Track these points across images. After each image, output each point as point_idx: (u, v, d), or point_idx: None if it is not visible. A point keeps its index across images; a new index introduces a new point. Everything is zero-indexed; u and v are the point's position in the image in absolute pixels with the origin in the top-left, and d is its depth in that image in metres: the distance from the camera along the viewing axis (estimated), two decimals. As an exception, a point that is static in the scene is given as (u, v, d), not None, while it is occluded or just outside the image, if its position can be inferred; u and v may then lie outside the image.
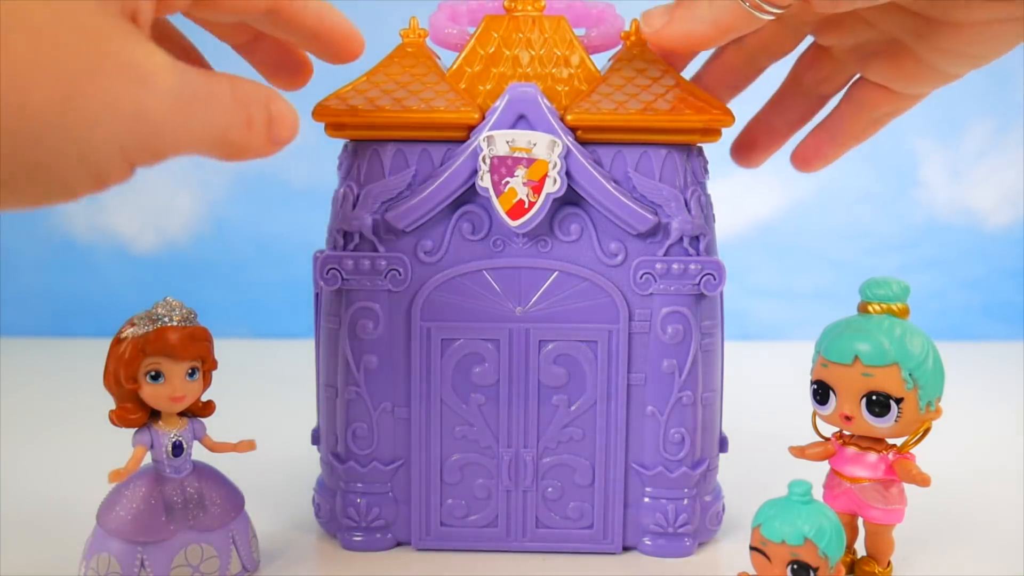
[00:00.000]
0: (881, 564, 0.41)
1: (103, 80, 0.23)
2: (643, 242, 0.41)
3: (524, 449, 0.42)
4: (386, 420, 0.42)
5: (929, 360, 0.37)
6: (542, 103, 0.40)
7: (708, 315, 0.42)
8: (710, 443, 0.44)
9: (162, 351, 0.36)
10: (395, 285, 0.41)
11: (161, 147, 0.26)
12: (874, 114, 0.46)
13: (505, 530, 0.43)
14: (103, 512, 0.38)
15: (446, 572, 0.42)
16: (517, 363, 0.42)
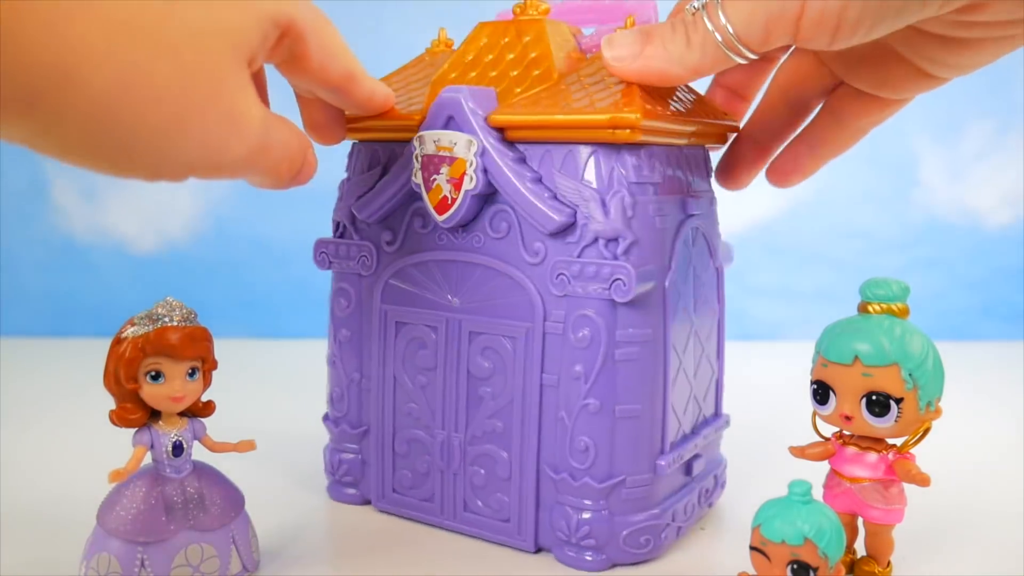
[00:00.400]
0: (881, 564, 0.41)
1: (207, 117, 0.29)
2: (562, 242, 0.41)
3: (455, 433, 0.44)
4: (354, 389, 0.48)
5: (929, 360, 0.37)
6: (465, 105, 0.40)
7: (634, 323, 0.40)
8: (630, 460, 0.41)
9: (162, 351, 0.36)
10: (364, 270, 0.47)
11: (221, 174, 0.31)
12: (857, 123, 0.45)
13: (440, 507, 0.46)
14: (103, 512, 0.38)
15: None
16: (451, 351, 0.44)
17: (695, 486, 0.45)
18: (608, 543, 0.41)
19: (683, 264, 0.43)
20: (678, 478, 0.44)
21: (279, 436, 0.59)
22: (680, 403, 0.43)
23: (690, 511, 0.45)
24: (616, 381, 0.40)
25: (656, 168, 0.41)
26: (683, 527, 0.44)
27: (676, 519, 0.44)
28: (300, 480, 0.53)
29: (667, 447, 0.42)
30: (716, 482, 0.48)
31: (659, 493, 0.42)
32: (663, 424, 0.42)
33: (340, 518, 0.48)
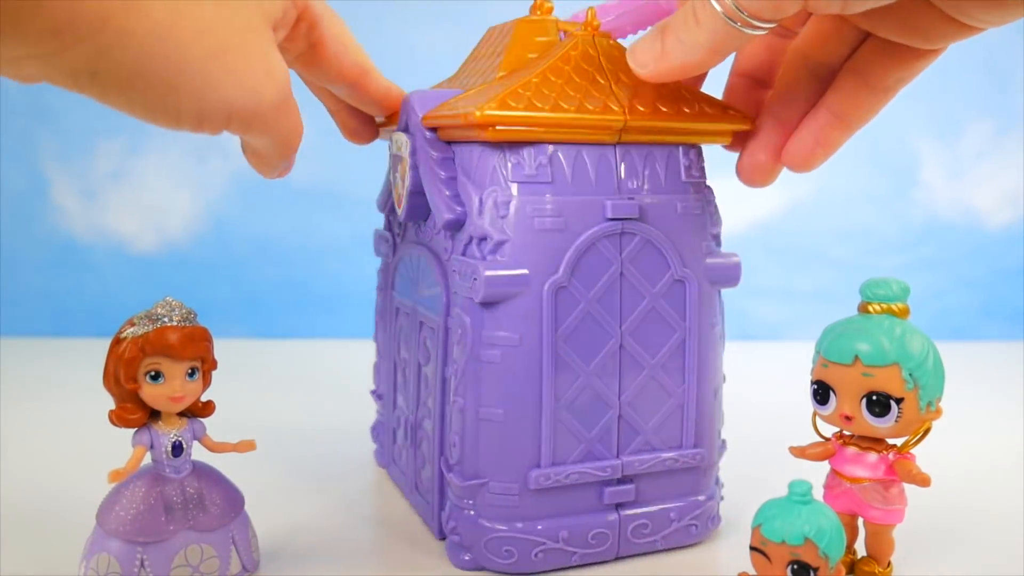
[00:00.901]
0: (881, 564, 0.41)
1: (245, 55, 0.31)
2: (455, 239, 0.41)
3: (408, 412, 0.48)
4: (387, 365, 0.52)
5: (929, 360, 0.37)
6: (409, 107, 0.42)
7: (500, 326, 0.39)
8: (493, 464, 0.40)
9: (162, 351, 0.36)
10: (389, 258, 0.52)
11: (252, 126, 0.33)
12: (886, 81, 0.40)
13: (404, 481, 0.49)
14: (103, 512, 0.38)
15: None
16: (411, 338, 0.47)
17: (612, 516, 0.42)
18: (473, 544, 0.41)
19: (594, 271, 0.40)
20: (580, 500, 0.41)
21: (279, 436, 0.59)
22: (582, 420, 0.40)
23: (604, 544, 0.42)
24: (480, 382, 0.39)
25: (549, 167, 0.39)
26: (587, 555, 0.41)
27: (568, 543, 0.41)
28: (300, 480, 0.53)
29: (545, 461, 0.40)
30: (690, 527, 0.43)
31: (533, 508, 0.40)
32: (539, 435, 0.40)
33: (340, 518, 0.48)
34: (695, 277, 0.41)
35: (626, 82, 0.40)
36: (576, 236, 0.39)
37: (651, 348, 0.41)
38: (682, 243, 0.41)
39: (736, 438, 0.49)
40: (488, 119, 0.37)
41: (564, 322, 0.39)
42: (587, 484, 0.41)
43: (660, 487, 0.42)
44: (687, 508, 0.43)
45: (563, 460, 0.41)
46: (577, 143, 0.39)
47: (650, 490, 0.42)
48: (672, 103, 0.40)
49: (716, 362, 0.43)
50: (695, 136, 0.41)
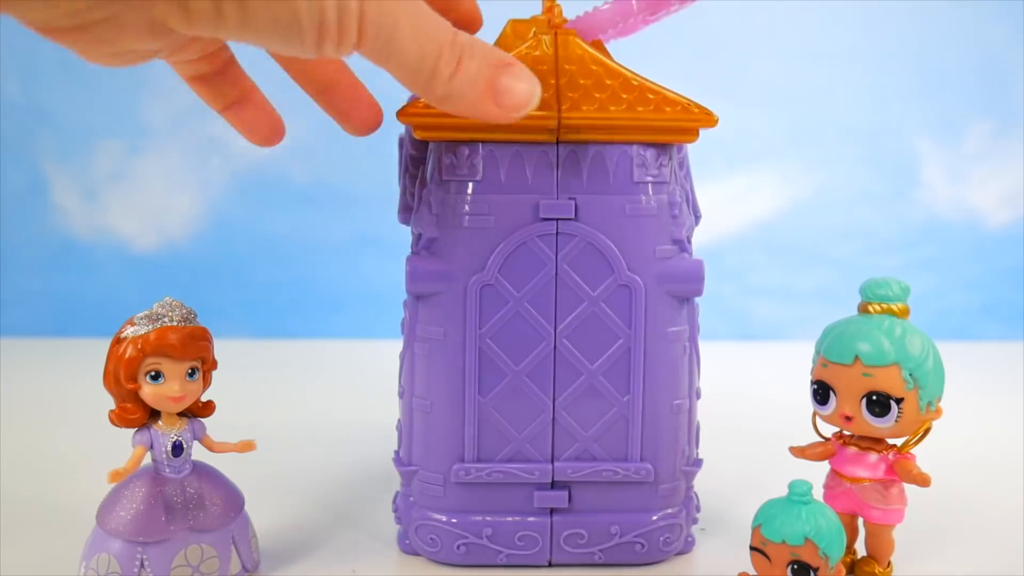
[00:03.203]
0: (881, 564, 0.41)
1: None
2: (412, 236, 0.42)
3: None
4: None
5: (929, 360, 0.37)
6: None
7: (427, 319, 0.40)
8: (422, 453, 0.41)
9: (162, 351, 0.36)
10: None
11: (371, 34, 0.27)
12: None
13: None
14: (103, 512, 0.38)
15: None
16: None
17: (544, 520, 0.41)
18: (408, 529, 0.42)
19: (526, 271, 0.39)
20: (508, 499, 0.41)
21: (279, 436, 0.59)
22: (512, 420, 0.40)
23: (533, 547, 0.41)
24: (413, 373, 0.41)
25: (481, 166, 0.39)
26: (515, 556, 0.41)
27: (492, 541, 0.41)
28: (300, 480, 0.53)
29: (468, 456, 0.40)
30: (635, 544, 0.42)
31: (457, 500, 0.41)
32: (462, 430, 0.40)
33: (340, 517, 0.48)
34: (644, 282, 0.40)
35: (583, 83, 0.39)
36: (505, 235, 0.39)
37: (590, 353, 0.40)
38: (629, 246, 0.39)
39: (736, 438, 0.49)
40: (408, 120, 0.38)
41: (490, 320, 0.40)
42: (515, 484, 0.41)
43: (600, 498, 0.41)
44: (632, 524, 0.42)
45: (489, 457, 0.41)
46: (514, 143, 0.39)
47: (588, 500, 0.41)
48: (626, 103, 0.39)
49: (676, 375, 0.41)
50: (649, 135, 0.39)
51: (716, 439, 0.54)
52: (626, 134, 0.39)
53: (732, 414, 0.49)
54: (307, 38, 0.26)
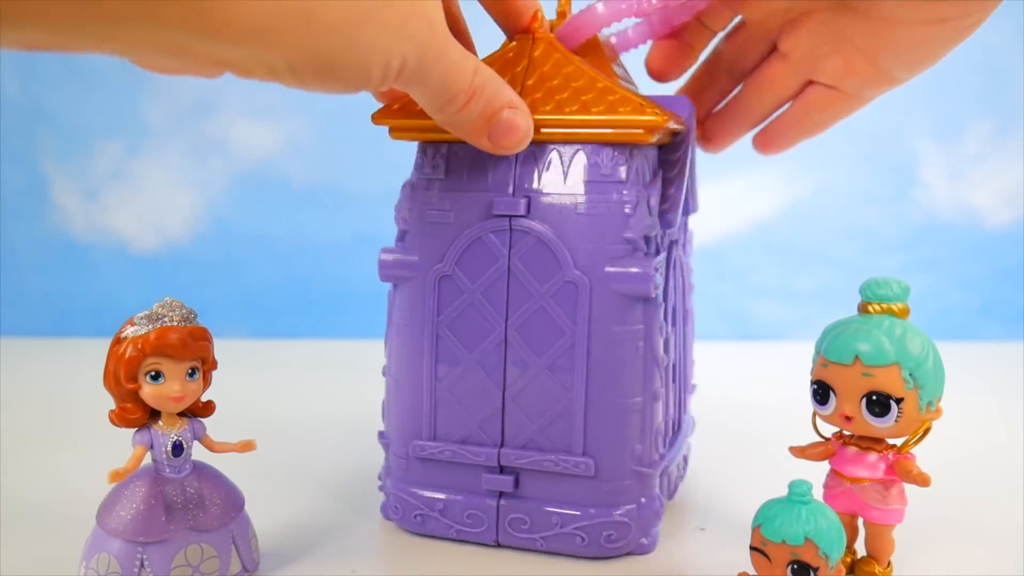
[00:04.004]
0: (881, 564, 0.41)
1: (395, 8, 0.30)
2: None
3: None
4: None
5: (929, 360, 0.37)
6: None
7: (399, 306, 0.44)
8: (395, 428, 0.45)
9: (162, 351, 0.36)
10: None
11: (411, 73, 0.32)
12: (821, 117, 0.50)
13: None
14: (103, 512, 0.38)
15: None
16: None
17: (491, 502, 0.43)
18: (387, 498, 0.46)
19: (480, 264, 0.41)
20: (460, 479, 0.43)
21: (279, 436, 0.59)
22: (465, 404, 0.42)
23: (480, 526, 0.43)
24: (390, 353, 0.45)
25: (444, 164, 0.42)
26: (464, 532, 0.43)
27: (443, 516, 0.43)
28: (300, 480, 0.53)
29: (425, 434, 0.43)
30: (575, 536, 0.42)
31: (416, 474, 0.44)
32: (421, 409, 0.43)
33: (340, 517, 0.48)
34: (591, 280, 0.40)
35: (549, 85, 0.40)
36: (462, 229, 0.41)
37: (538, 347, 0.41)
38: (578, 244, 0.40)
39: (736, 438, 0.49)
40: (382, 122, 0.42)
41: (447, 309, 0.42)
42: (466, 465, 0.43)
43: (544, 487, 0.42)
44: (573, 517, 0.42)
45: (444, 437, 0.43)
46: None
47: (533, 487, 0.42)
48: (582, 104, 0.39)
49: (625, 374, 0.41)
50: (601, 135, 0.40)
51: (716, 439, 0.54)
52: (579, 134, 0.40)
53: (732, 414, 0.49)
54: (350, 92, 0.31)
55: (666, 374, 0.45)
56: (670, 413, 0.47)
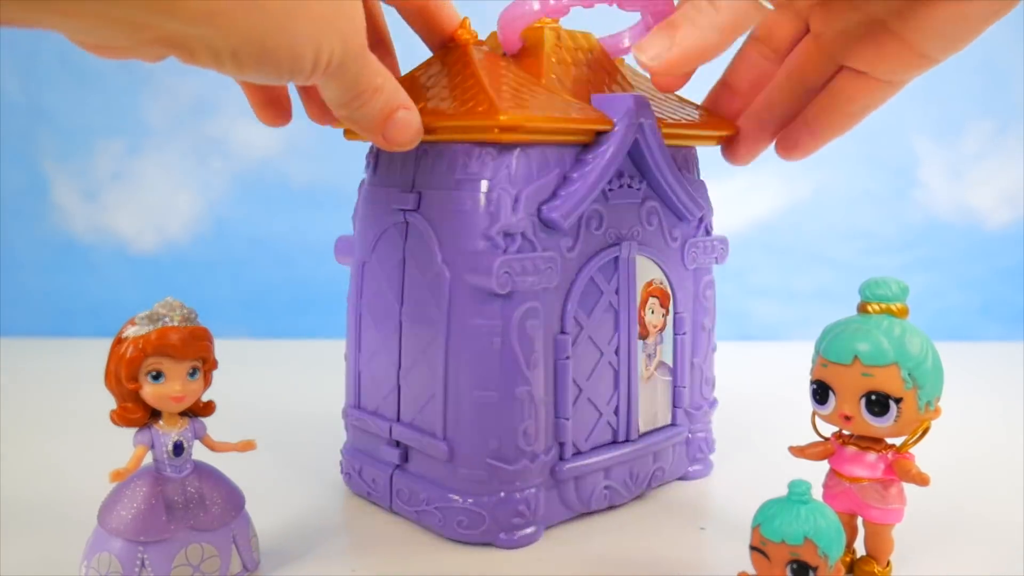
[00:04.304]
0: (880, 564, 0.41)
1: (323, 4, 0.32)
2: None
3: None
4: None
5: (928, 360, 0.37)
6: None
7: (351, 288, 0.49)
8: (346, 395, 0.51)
9: (163, 351, 0.36)
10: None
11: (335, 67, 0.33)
12: (851, 107, 0.47)
13: None
14: (104, 512, 0.38)
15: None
16: None
17: (387, 472, 0.47)
18: None
19: (385, 255, 0.46)
20: (371, 446, 0.48)
21: (279, 435, 0.59)
22: (375, 381, 0.48)
23: (380, 492, 0.48)
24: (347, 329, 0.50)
25: (375, 162, 0.47)
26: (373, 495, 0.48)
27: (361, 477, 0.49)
28: (300, 479, 0.53)
29: (352, 402, 0.50)
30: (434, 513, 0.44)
31: (353, 439, 0.50)
32: (351, 380, 0.49)
33: (340, 517, 0.48)
34: (452, 274, 0.42)
35: (454, 85, 0.42)
36: (376, 222, 0.46)
37: (419, 335, 0.44)
38: (447, 238, 0.42)
39: (735, 438, 0.49)
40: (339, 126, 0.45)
41: (366, 293, 0.47)
42: (374, 434, 0.48)
43: (423, 465, 0.45)
44: (435, 497, 0.44)
45: (364, 407, 0.49)
46: None
47: (416, 464, 0.46)
48: (459, 102, 0.42)
49: (481, 368, 0.42)
50: (464, 134, 0.41)
51: (716, 439, 0.54)
52: (447, 133, 0.42)
53: (731, 414, 0.49)
54: (283, 80, 0.33)
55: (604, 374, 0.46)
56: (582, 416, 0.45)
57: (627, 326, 0.47)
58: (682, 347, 0.50)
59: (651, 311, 0.48)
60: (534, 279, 0.42)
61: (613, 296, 0.46)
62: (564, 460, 0.45)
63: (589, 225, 0.44)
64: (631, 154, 0.45)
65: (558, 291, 0.44)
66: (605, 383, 0.46)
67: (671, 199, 0.47)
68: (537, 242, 0.42)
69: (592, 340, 0.45)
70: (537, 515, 0.44)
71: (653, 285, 0.48)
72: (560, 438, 0.45)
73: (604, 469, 0.47)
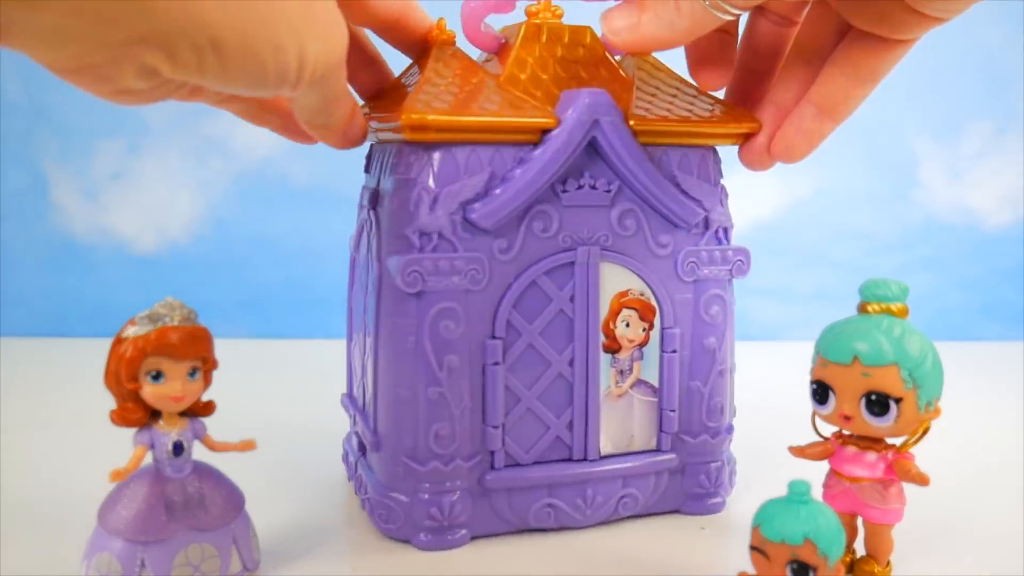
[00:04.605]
0: (880, 564, 0.41)
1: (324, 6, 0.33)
2: None
3: None
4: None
5: (928, 360, 0.37)
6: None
7: None
8: None
9: (163, 351, 0.36)
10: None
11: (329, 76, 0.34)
12: (860, 72, 0.43)
13: None
14: (104, 512, 0.38)
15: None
16: None
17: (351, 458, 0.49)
18: None
19: (362, 252, 0.47)
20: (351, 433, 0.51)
21: (279, 435, 0.59)
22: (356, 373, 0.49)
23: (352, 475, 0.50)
24: None
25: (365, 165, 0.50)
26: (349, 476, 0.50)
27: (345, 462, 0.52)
28: (300, 479, 0.53)
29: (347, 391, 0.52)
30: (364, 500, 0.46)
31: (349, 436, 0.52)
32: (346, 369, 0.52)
33: (340, 517, 0.48)
34: (381, 272, 0.43)
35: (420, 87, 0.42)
36: (358, 218, 0.48)
37: (368, 329, 0.45)
38: (384, 236, 0.43)
39: (735, 437, 0.49)
40: None
41: (353, 285, 0.49)
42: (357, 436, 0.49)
43: (370, 457, 0.46)
44: (371, 487, 0.45)
45: (350, 394, 0.51)
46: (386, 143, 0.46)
47: (368, 455, 0.47)
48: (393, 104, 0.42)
49: (398, 366, 0.42)
50: (395, 133, 0.42)
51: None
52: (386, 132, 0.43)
53: (732, 414, 0.49)
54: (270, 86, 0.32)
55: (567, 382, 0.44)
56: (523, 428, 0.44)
57: (585, 337, 0.44)
58: (671, 366, 0.45)
59: (625, 324, 0.45)
60: (452, 280, 0.41)
61: (566, 304, 0.43)
62: (495, 470, 0.44)
63: (532, 227, 0.42)
64: (599, 153, 0.43)
65: (489, 294, 0.42)
66: (556, 396, 0.44)
67: (652, 203, 0.44)
68: (458, 242, 0.42)
69: (536, 349, 0.43)
70: (456, 520, 0.43)
71: (629, 296, 0.45)
72: (490, 447, 0.43)
73: (548, 486, 0.44)
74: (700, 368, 0.46)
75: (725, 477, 0.48)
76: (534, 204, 0.42)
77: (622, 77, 0.45)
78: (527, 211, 0.42)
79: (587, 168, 0.43)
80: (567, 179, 0.43)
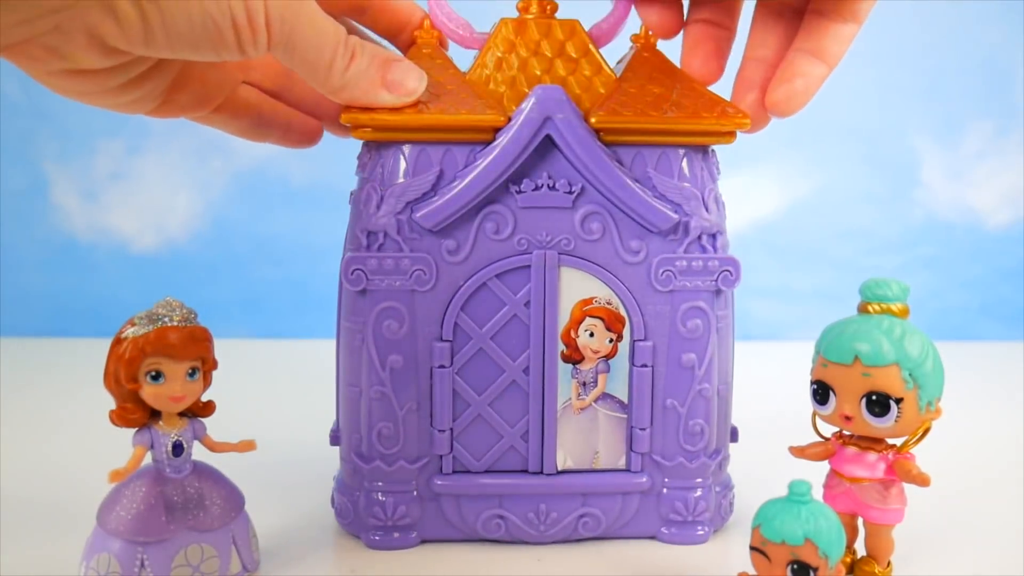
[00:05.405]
0: (881, 564, 0.41)
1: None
2: None
3: None
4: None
5: (929, 360, 0.37)
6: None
7: None
8: None
9: (163, 351, 0.36)
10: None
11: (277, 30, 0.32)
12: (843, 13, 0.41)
13: None
14: (103, 512, 0.38)
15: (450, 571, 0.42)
16: None
17: None
18: None
19: None
20: None
21: (279, 436, 0.59)
22: None
23: None
24: None
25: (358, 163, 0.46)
26: None
27: None
28: (300, 480, 0.53)
29: None
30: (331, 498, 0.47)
31: None
32: None
33: (340, 518, 0.48)
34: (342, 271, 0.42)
35: None
36: None
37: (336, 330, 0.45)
38: (347, 234, 0.44)
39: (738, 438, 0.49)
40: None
41: None
42: None
43: None
44: (336, 484, 0.46)
45: None
46: None
47: None
48: None
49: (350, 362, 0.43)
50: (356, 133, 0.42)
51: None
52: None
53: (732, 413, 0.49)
54: (227, 38, 0.30)
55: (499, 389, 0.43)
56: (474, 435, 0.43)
57: (541, 344, 0.42)
58: (642, 382, 0.43)
59: (588, 333, 0.42)
60: (395, 280, 0.41)
61: (521, 309, 0.42)
62: (443, 475, 0.43)
63: (484, 228, 0.41)
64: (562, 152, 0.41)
65: (437, 295, 0.41)
66: (510, 404, 0.43)
67: (618, 205, 0.41)
68: (404, 242, 0.41)
69: (488, 354, 0.42)
70: (400, 522, 0.43)
71: (594, 304, 0.42)
72: (437, 450, 0.43)
73: (498, 496, 0.43)
74: (677, 385, 0.43)
75: (708, 506, 0.44)
76: (486, 204, 0.41)
77: (605, 73, 0.43)
78: (478, 211, 0.41)
79: (546, 168, 0.41)
80: (523, 179, 0.41)
